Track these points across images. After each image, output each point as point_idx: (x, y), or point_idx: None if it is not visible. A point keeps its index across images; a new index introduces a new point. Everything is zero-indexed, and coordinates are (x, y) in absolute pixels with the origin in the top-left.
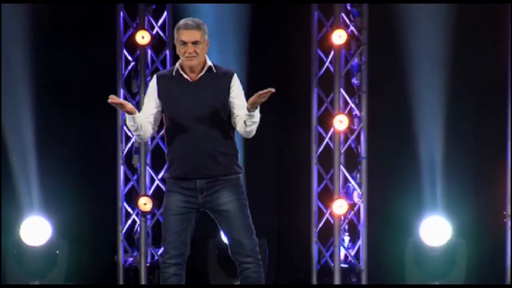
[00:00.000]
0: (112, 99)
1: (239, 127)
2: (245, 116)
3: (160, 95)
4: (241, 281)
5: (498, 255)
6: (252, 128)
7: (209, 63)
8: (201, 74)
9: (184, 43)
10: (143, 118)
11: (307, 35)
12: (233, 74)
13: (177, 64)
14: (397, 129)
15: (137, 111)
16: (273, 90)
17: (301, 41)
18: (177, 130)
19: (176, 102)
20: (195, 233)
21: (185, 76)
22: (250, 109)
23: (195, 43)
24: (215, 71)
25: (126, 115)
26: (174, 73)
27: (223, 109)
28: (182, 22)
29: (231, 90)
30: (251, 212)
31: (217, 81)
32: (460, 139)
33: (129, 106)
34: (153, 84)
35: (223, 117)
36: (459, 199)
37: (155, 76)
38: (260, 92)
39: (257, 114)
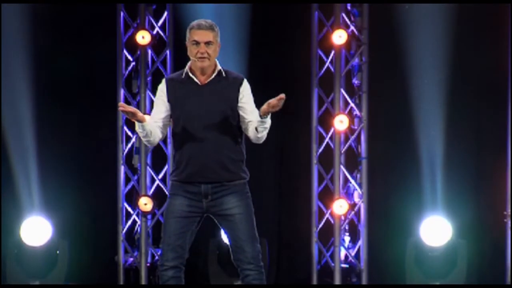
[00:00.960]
0: (122, 107)
1: (251, 132)
2: (256, 122)
3: (169, 98)
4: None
5: (498, 255)
6: (264, 134)
7: (219, 67)
8: (211, 77)
9: (197, 43)
10: (152, 123)
11: (308, 35)
12: (243, 80)
13: (187, 67)
14: (397, 129)
15: (146, 119)
16: (283, 95)
17: (302, 41)
18: (185, 133)
19: (185, 105)
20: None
21: (195, 79)
22: (263, 116)
23: (207, 43)
24: (225, 75)
25: (136, 122)
26: (183, 76)
27: (232, 114)
28: (195, 22)
29: (241, 96)
30: None
31: (227, 86)
32: (460, 139)
33: (140, 114)
34: (162, 87)
35: (231, 122)
36: (460, 199)
37: (164, 79)
38: (271, 101)
39: (268, 120)
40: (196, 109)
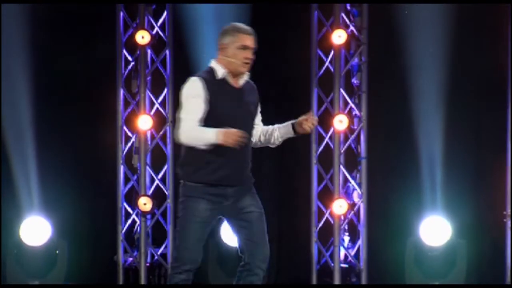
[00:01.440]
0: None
1: (259, 136)
2: (282, 137)
3: (210, 99)
4: (241, 282)
5: (498, 255)
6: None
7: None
8: (243, 81)
9: (246, 48)
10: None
11: (307, 35)
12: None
13: (220, 68)
14: (397, 129)
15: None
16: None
17: (301, 41)
18: None
19: (223, 107)
20: None
21: (230, 81)
22: (296, 134)
23: (252, 49)
24: (248, 79)
25: (211, 140)
26: (218, 77)
27: (255, 118)
28: (241, 26)
29: (258, 101)
30: None
31: (252, 90)
32: (460, 139)
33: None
34: (201, 87)
35: (254, 126)
36: (459, 199)
37: (199, 79)
38: (304, 123)
39: None
40: (233, 112)
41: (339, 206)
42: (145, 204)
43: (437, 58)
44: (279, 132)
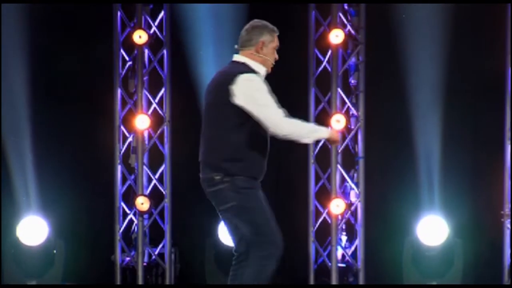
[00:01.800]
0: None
1: None
2: None
3: None
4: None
5: (495, 255)
6: None
7: None
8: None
9: (276, 49)
10: None
11: (304, 34)
12: None
13: (259, 66)
14: (394, 129)
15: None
16: None
17: (299, 41)
18: (262, 133)
19: None
20: (192, 233)
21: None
22: None
23: None
24: None
25: (327, 138)
26: (262, 74)
27: None
28: (273, 26)
29: None
30: None
31: None
32: (457, 139)
33: None
34: (264, 82)
35: None
36: (457, 199)
37: (258, 75)
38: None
39: None
40: None
41: (336, 206)
42: (142, 203)
43: (435, 58)
44: None
